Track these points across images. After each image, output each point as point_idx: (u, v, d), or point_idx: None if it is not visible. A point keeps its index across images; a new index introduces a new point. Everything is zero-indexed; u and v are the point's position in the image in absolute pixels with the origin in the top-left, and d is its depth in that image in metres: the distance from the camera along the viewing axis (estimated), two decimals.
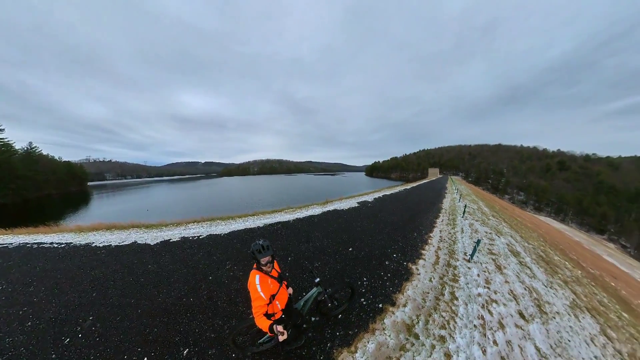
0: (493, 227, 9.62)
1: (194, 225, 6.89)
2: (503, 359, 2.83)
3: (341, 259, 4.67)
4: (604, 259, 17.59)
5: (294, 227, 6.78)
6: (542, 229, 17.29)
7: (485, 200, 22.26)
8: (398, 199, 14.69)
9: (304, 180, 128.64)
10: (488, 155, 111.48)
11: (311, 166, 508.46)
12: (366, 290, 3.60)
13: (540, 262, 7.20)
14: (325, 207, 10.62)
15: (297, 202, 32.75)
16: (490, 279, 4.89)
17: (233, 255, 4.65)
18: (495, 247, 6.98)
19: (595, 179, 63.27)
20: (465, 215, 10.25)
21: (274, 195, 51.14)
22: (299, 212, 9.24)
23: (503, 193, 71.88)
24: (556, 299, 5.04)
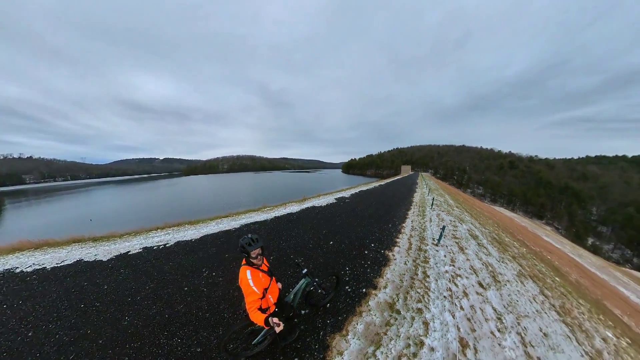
0: (456, 216, 11.00)
1: (157, 232, 6.17)
2: (469, 319, 3.36)
3: (323, 252, 4.82)
4: (543, 239, 21.54)
5: (273, 226, 6.67)
6: (496, 217, 20.33)
7: (451, 194, 25.22)
8: (374, 194, 15.59)
9: (280, 177, 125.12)
10: (454, 154, 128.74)
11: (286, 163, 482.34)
12: (350, 278, 3.81)
13: (494, 243, 8.52)
14: (303, 204, 10.67)
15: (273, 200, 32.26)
16: (454, 258, 5.64)
17: (209, 261, 4.33)
18: (458, 232, 8.01)
19: (536, 176, 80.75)
20: (433, 207, 11.48)
21: (248, 194, 48.87)
22: (276, 210, 9.10)
23: (466, 187, 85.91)
24: (507, 270, 6.07)
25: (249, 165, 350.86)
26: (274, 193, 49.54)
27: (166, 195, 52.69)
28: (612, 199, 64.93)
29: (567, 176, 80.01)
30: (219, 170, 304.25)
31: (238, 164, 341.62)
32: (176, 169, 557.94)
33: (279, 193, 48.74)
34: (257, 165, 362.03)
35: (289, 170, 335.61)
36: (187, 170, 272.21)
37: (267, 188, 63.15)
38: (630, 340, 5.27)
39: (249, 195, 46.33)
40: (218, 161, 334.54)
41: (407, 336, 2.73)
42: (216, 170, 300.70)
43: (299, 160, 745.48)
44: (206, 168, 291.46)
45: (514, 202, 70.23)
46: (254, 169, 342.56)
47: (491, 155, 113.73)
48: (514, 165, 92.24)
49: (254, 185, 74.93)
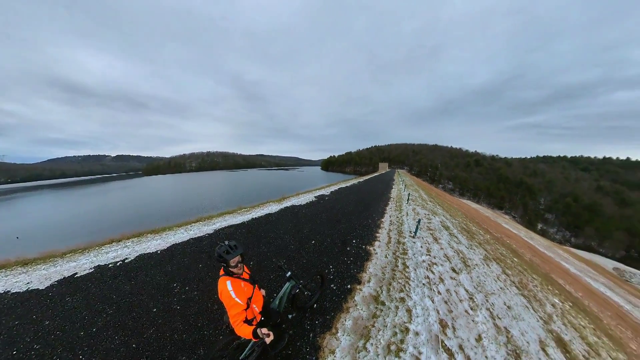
0: (430, 210, 11.97)
1: (113, 246, 5.37)
2: (446, 302, 3.70)
3: (305, 252, 4.81)
4: (503, 226, 24.70)
5: (251, 228, 6.42)
6: (464, 209, 22.65)
7: (424, 189, 27.38)
8: (353, 191, 16.10)
9: (256, 175, 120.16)
10: (427, 152, 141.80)
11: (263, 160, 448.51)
12: (334, 276, 3.88)
13: (463, 232, 9.50)
14: (282, 203, 10.47)
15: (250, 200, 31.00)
16: (430, 248, 6.14)
17: (180, 274, 3.92)
18: (432, 224, 8.74)
19: (497, 173, 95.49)
20: (409, 202, 12.31)
21: (222, 195, 45.93)
22: (254, 211, 8.77)
23: (438, 183, 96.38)
24: (475, 255, 6.82)
25: (221, 162, 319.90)
26: (251, 192, 47.54)
27: (122, 201, 45.99)
28: (555, 191, 79.65)
29: (522, 173, 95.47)
30: (186, 168, 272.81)
31: (208, 161, 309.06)
32: (133, 168, 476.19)
33: (256, 192, 46.98)
34: (230, 162, 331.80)
35: (266, 168, 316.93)
36: (148, 170, 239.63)
37: (243, 187, 60.21)
38: (571, 303, 6.43)
39: (223, 196, 43.52)
40: (184, 158, 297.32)
41: (394, 325, 2.90)
42: (183, 169, 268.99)
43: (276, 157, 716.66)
44: (171, 167, 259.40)
45: (479, 196, 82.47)
46: (227, 166, 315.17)
47: (460, 154, 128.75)
48: (479, 163, 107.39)
49: (228, 184, 70.30)
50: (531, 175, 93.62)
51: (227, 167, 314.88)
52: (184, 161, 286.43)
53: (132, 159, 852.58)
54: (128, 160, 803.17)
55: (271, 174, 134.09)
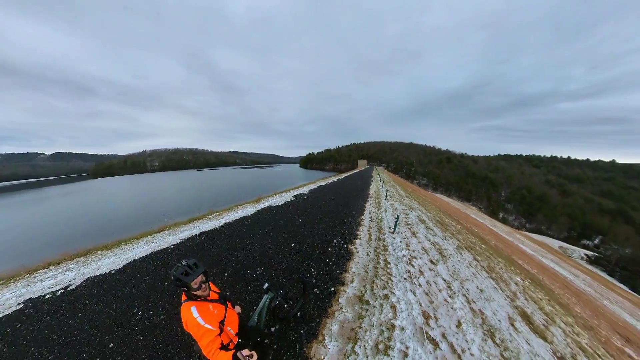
0: (407, 205, 12.67)
1: (50, 270, 4.43)
2: (427, 294, 3.90)
3: (285, 257, 4.65)
4: (471, 217, 27.44)
5: (224, 235, 6.00)
6: (437, 202, 24.56)
7: (401, 185, 29.03)
8: (332, 188, 16.33)
9: (230, 175, 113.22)
10: (403, 150, 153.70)
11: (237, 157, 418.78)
12: (316, 279, 3.81)
13: (438, 224, 10.24)
14: (259, 204, 10.07)
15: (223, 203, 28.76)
16: (409, 242, 6.47)
17: (142, 297, 3.36)
18: (409, 219, 9.25)
19: (466, 169, 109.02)
20: (387, 198, 12.87)
21: (191, 197, 42.18)
22: (227, 215, 8.24)
23: (413, 179, 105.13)
24: (449, 245, 7.39)
25: (190, 160, 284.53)
26: (224, 194, 44.74)
27: (62, 210, 38.83)
28: (513, 185, 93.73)
29: (486, 169, 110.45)
30: (147, 168, 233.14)
31: (175, 159, 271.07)
32: (77, 168, 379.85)
33: (229, 193, 44.44)
34: (200, 160, 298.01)
35: (241, 166, 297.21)
36: (97, 171, 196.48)
37: (215, 188, 56.24)
38: (530, 280, 7.40)
39: (192, 199, 39.97)
40: (145, 156, 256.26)
41: (380, 323, 2.95)
42: (144, 168, 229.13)
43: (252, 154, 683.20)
44: (127, 166, 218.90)
45: (450, 190, 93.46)
46: (197, 165, 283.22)
47: (433, 152, 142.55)
48: (449, 160, 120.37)
49: (198, 185, 64.69)
50: (493, 171, 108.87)
51: (197, 165, 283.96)
52: (144, 159, 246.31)
53: (75, 157, 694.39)
54: (69, 159, 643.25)
55: (246, 173, 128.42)
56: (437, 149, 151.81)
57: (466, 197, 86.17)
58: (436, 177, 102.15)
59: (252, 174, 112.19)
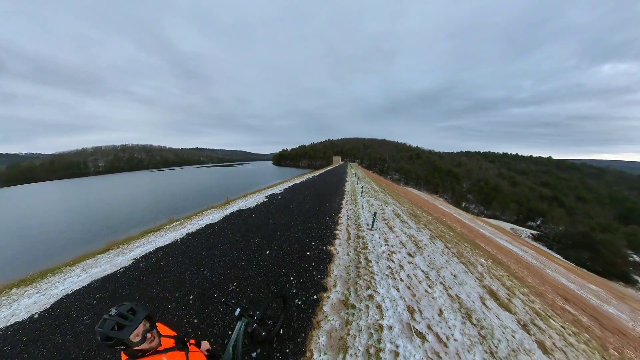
0: (382, 200, 13.23)
1: None
2: (409, 287, 4.07)
3: (260, 267, 4.35)
4: (439, 207, 30.13)
5: (187, 248, 5.35)
6: (409, 196, 26.31)
7: (375, 180, 30.36)
8: (308, 186, 16.20)
9: (193, 175, 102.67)
10: (377, 146, 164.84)
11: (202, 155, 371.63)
12: (297, 289, 3.63)
13: (411, 217, 10.91)
14: (227, 208, 9.37)
15: (184, 209, 25.83)
16: (387, 237, 6.71)
17: (79, 345, 2.64)
18: (385, 214, 9.65)
19: (433, 164, 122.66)
20: (363, 194, 13.25)
21: (146, 205, 37.05)
22: (190, 223, 7.43)
23: (386, 174, 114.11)
24: (423, 236, 7.90)
25: (143, 160, 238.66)
26: (186, 198, 40.60)
27: None
28: (473, 177, 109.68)
29: (450, 164, 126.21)
30: (90, 170, 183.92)
31: (125, 158, 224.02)
32: None
33: (192, 197, 40.53)
34: (156, 159, 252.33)
35: (206, 165, 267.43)
36: (8, 176, 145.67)
37: (175, 192, 50.57)
38: (492, 259, 8.39)
39: (147, 207, 35.07)
40: (86, 155, 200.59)
41: (368, 326, 2.94)
42: (84, 170, 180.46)
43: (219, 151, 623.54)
44: (56, 168, 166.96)
45: (420, 183, 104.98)
46: (153, 165, 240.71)
47: (404, 148, 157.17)
48: (419, 156, 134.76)
49: (155, 190, 57.02)
50: (456, 165, 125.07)
51: (153, 165, 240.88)
52: (85, 159, 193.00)
53: None
54: None
55: (213, 172, 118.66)
56: (408, 145, 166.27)
57: (434, 189, 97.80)
58: (407, 172, 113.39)
59: (220, 174, 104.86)
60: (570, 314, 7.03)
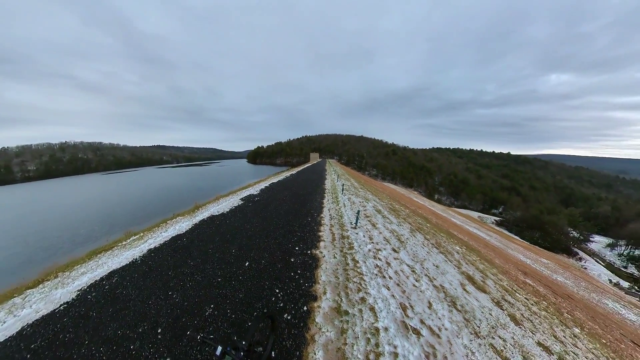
0: (363, 197, 13.51)
1: None
2: (398, 284, 4.17)
3: (240, 282, 4.01)
4: (415, 200, 31.99)
5: (149, 268, 4.66)
6: (387, 191, 27.40)
7: (354, 177, 31.03)
8: (286, 185, 15.86)
9: (155, 177, 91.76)
10: (355, 143, 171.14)
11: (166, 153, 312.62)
12: (284, 302, 3.42)
13: (392, 212, 11.32)
14: (196, 215, 8.61)
15: (144, 219, 23.11)
16: (371, 235, 6.83)
17: None
18: (367, 211, 9.85)
19: (408, 160, 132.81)
20: (344, 192, 13.37)
21: (97, 217, 31.93)
22: (151, 236, 6.54)
23: (364, 170, 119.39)
24: (404, 230, 8.23)
25: (90, 160, 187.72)
26: (146, 206, 36.03)
27: None
28: (444, 172, 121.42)
29: (423, 159, 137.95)
30: (15, 176, 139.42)
31: (65, 159, 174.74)
32: None
33: (154, 205, 36.22)
34: (107, 160, 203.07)
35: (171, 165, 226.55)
36: None
37: (133, 199, 44.72)
38: (465, 246, 9.13)
39: (98, 219, 29.83)
40: (8, 157, 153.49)
41: (364, 332, 2.92)
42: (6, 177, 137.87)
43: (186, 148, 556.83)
44: None
45: (396, 178, 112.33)
46: (104, 166, 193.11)
47: (381, 145, 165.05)
48: (395, 153, 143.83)
49: (107, 197, 49.58)
50: (429, 161, 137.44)
51: (104, 166, 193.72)
52: (5, 162, 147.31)
53: None
54: None
55: (179, 173, 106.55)
56: (384, 142, 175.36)
57: (409, 183, 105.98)
58: (384, 167, 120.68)
59: (187, 175, 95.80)
60: (530, 286, 8.12)
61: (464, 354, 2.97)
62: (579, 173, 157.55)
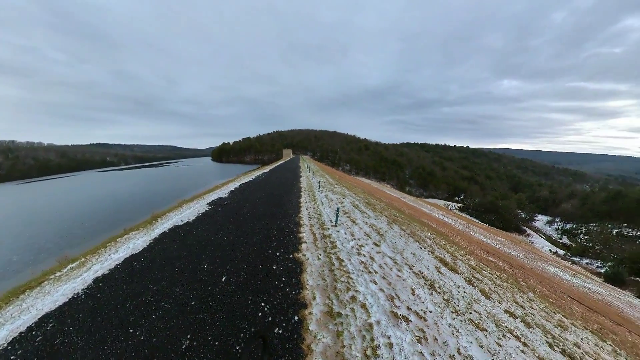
0: (340, 193, 13.76)
1: None
2: (384, 277, 4.39)
3: (218, 302, 3.64)
4: (388, 193, 33.79)
5: (97, 303, 3.84)
6: (362, 186, 28.38)
7: (329, 173, 31.41)
8: (259, 185, 15.30)
9: (96, 184, 74.51)
10: (328, 138, 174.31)
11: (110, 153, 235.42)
12: (272, 315, 3.27)
13: (368, 207, 11.76)
14: (155, 227, 7.63)
15: (84, 239, 19.98)
16: (352, 232, 7.01)
17: None
18: (345, 207, 10.07)
19: (380, 155, 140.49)
20: (320, 189, 13.44)
21: (9, 242, 24.15)
22: (95, 262, 5.46)
23: (338, 166, 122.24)
24: (382, 223, 8.63)
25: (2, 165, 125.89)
26: (85, 222, 29.35)
27: None
28: (413, 165, 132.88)
29: (394, 154, 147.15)
30: None
31: None
32: None
33: (97, 219, 29.95)
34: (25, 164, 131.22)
35: (117, 167, 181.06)
36: None
37: (67, 215, 35.25)
38: (435, 233, 10.01)
39: (16, 246, 24.08)
40: None
41: (359, 330, 2.99)
42: None
43: (137, 146, 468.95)
44: None
45: (369, 173, 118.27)
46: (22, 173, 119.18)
47: (354, 140, 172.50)
48: (367, 148, 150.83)
49: (26, 216, 36.40)
50: (400, 155, 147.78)
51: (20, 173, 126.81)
52: None
53: None
54: None
55: (129, 176, 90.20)
56: (357, 137, 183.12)
57: (381, 177, 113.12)
58: (357, 162, 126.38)
59: (140, 178, 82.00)
60: (492, 262, 9.37)
61: (450, 333, 3.28)
62: (525, 164, 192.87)
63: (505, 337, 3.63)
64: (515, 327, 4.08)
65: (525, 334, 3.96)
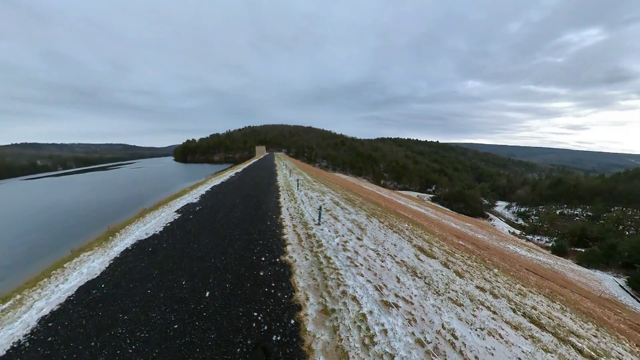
0: (319, 190, 13.93)
1: None
2: (369, 269, 4.74)
3: (205, 321, 3.45)
4: (364, 187, 35.07)
5: (49, 351, 3.05)
6: (339, 181, 28.99)
7: (306, 170, 31.42)
8: (233, 187, 14.74)
9: (21, 196, 58.26)
10: (303, 134, 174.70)
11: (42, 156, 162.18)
12: (268, 323, 3.28)
13: (348, 202, 12.15)
14: (114, 244, 6.72)
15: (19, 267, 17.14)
16: (336, 228, 7.25)
17: None
18: (326, 204, 10.29)
19: (356, 150, 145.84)
20: (299, 188, 13.45)
21: None
22: (40, 295, 4.44)
23: (314, 162, 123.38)
24: (362, 218, 9.04)
25: None
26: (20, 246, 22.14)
27: None
28: (387, 160, 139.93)
29: (369, 149, 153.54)
30: None
31: None
32: None
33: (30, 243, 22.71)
34: None
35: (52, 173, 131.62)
36: None
37: None
38: (411, 223, 10.81)
39: None
40: None
41: (354, 322, 3.20)
42: None
43: (78, 146, 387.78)
44: None
45: (346, 168, 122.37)
46: None
47: (330, 136, 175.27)
48: (344, 143, 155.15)
49: None
50: (374, 150, 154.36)
51: None
52: None
53: None
54: None
55: (72, 184, 72.57)
56: (333, 133, 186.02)
57: (358, 172, 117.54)
58: (334, 158, 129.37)
59: (88, 184, 68.42)
60: (462, 246, 10.51)
61: (434, 312, 3.73)
62: (487, 157, 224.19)
63: (479, 308, 4.23)
64: (485, 299, 4.73)
65: (494, 304, 4.62)
